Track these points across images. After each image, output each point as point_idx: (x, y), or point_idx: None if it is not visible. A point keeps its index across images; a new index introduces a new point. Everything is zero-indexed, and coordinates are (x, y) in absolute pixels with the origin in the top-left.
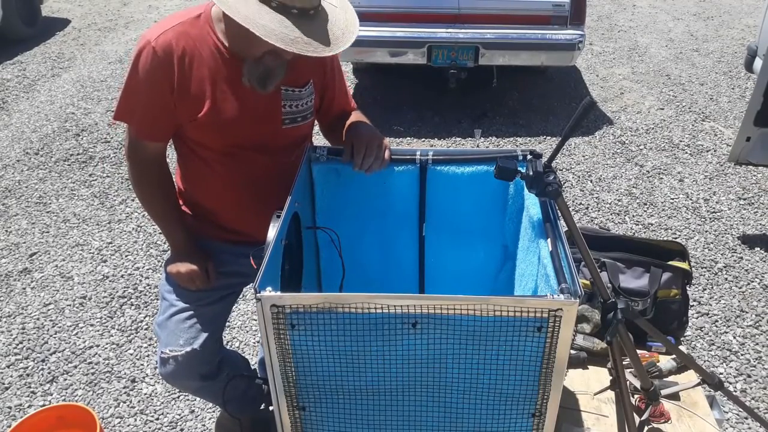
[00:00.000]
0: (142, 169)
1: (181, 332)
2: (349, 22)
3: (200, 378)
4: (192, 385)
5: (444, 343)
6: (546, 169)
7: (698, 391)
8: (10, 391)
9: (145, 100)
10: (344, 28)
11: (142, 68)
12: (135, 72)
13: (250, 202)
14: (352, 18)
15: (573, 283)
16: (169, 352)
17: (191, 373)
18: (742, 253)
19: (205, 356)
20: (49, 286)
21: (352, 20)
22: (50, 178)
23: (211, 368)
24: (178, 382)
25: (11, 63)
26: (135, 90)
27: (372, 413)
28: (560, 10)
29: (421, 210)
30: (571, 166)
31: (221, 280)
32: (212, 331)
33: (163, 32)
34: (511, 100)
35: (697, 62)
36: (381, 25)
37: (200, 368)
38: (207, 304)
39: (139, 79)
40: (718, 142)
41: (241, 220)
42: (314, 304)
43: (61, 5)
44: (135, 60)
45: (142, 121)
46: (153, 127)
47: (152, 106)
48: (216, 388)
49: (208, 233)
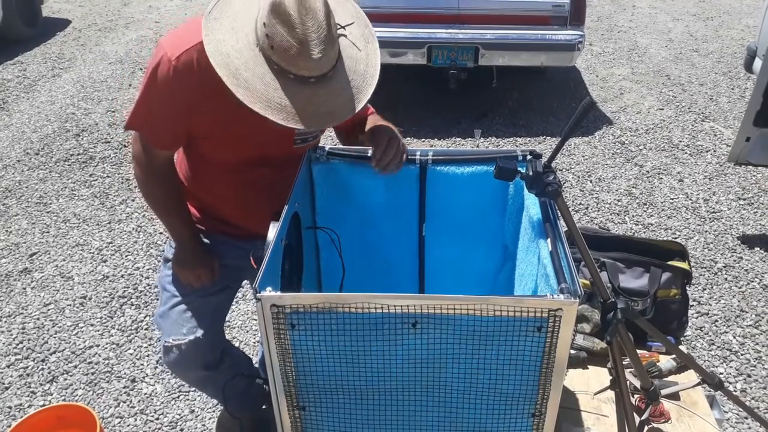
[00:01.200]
0: (151, 172)
1: (184, 322)
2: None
3: (203, 367)
4: (195, 375)
5: (444, 343)
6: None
7: (698, 391)
8: (10, 391)
9: (163, 113)
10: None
11: (162, 83)
12: (153, 84)
13: (256, 204)
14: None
15: (573, 283)
16: (173, 341)
17: (195, 361)
18: (742, 253)
19: (208, 345)
20: (49, 286)
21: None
22: (50, 179)
23: (214, 357)
24: (181, 371)
25: (11, 63)
26: (152, 102)
27: (372, 413)
28: (560, 11)
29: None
30: (570, 166)
31: (223, 271)
32: (214, 320)
33: (185, 51)
34: (511, 101)
35: (697, 62)
36: (381, 26)
37: (203, 357)
38: (209, 295)
39: (158, 93)
40: (717, 142)
41: (246, 218)
42: (314, 304)
43: (61, 5)
44: (153, 72)
45: (157, 132)
46: (167, 139)
47: (169, 121)
48: (218, 380)
49: (211, 226)
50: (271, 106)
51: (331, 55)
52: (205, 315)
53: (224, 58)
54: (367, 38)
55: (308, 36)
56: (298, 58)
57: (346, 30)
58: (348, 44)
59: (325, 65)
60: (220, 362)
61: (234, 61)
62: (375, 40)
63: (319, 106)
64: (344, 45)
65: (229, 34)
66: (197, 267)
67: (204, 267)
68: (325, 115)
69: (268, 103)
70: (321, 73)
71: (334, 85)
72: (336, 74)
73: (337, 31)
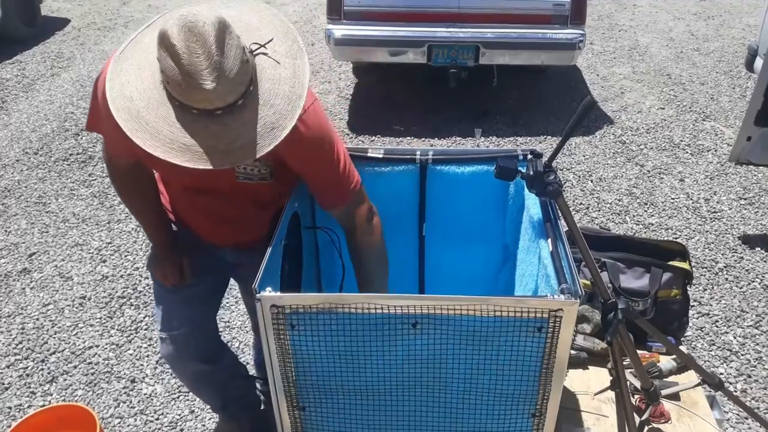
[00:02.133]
0: (113, 172)
1: (177, 313)
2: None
3: (201, 360)
4: (193, 369)
5: (444, 344)
6: (546, 168)
7: (698, 392)
8: (10, 391)
9: (106, 123)
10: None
11: (101, 98)
12: (95, 95)
13: (213, 226)
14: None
15: (573, 283)
16: (167, 333)
17: (190, 352)
18: (743, 253)
19: (202, 335)
20: (49, 287)
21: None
22: (49, 178)
23: (209, 349)
24: (179, 364)
25: (10, 62)
26: (98, 111)
27: (372, 413)
28: (560, 10)
29: (421, 210)
30: (571, 165)
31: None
32: (207, 310)
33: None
34: (511, 100)
35: (698, 62)
36: (381, 25)
37: (199, 348)
38: (198, 284)
39: (99, 106)
40: (718, 141)
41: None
42: (314, 304)
43: (60, 5)
44: (96, 82)
45: (109, 139)
46: (119, 148)
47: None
48: (217, 379)
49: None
50: (174, 147)
51: (233, 81)
52: (197, 305)
53: (126, 101)
54: (295, 54)
55: (196, 66)
56: (191, 92)
57: (266, 48)
58: (271, 64)
59: (227, 94)
60: (218, 357)
61: (137, 104)
62: (304, 55)
63: (233, 141)
64: (265, 65)
65: (135, 75)
66: (164, 266)
67: (171, 267)
68: (240, 150)
69: (172, 144)
70: (225, 103)
71: (248, 114)
72: (250, 101)
73: (254, 51)
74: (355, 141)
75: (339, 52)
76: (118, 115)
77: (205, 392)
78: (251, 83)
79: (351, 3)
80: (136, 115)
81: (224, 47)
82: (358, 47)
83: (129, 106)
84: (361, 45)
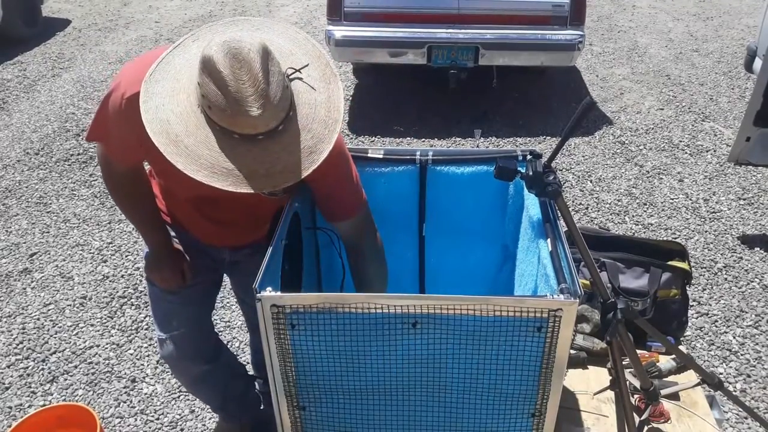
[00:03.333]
0: (111, 178)
1: (176, 314)
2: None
3: (201, 360)
4: (194, 369)
5: (444, 343)
6: (546, 169)
7: (698, 391)
8: (11, 391)
9: (117, 136)
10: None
11: (113, 113)
12: (106, 109)
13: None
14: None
15: (573, 283)
16: (167, 334)
17: (190, 352)
18: (742, 253)
19: (201, 334)
20: (50, 286)
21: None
22: (50, 178)
23: (209, 348)
24: (180, 365)
25: (11, 63)
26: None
27: (372, 413)
28: (560, 11)
29: (421, 210)
30: (570, 166)
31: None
32: (204, 309)
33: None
34: (511, 100)
35: (697, 62)
36: (381, 26)
37: (199, 347)
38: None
39: (111, 120)
40: (717, 142)
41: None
42: (314, 304)
43: (61, 5)
44: (108, 97)
45: (114, 149)
46: (124, 156)
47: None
48: (216, 378)
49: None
50: (216, 171)
51: (277, 107)
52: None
53: (163, 125)
54: (328, 79)
55: (242, 93)
56: (236, 118)
57: (302, 73)
58: (306, 89)
59: (271, 120)
60: (217, 356)
61: (174, 128)
62: (337, 79)
63: (273, 164)
64: (300, 90)
65: (169, 98)
66: (162, 270)
67: (171, 270)
68: (280, 174)
69: (213, 168)
70: (268, 128)
71: (288, 139)
72: (290, 126)
73: (290, 75)
74: (355, 141)
75: (339, 53)
76: (157, 139)
77: (205, 392)
78: (291, 108)
79: (351, 4)
80: (175, 139)
81: (268, 74)
82: (359, 48)
83: (167, 130)
84: (362, 46)
